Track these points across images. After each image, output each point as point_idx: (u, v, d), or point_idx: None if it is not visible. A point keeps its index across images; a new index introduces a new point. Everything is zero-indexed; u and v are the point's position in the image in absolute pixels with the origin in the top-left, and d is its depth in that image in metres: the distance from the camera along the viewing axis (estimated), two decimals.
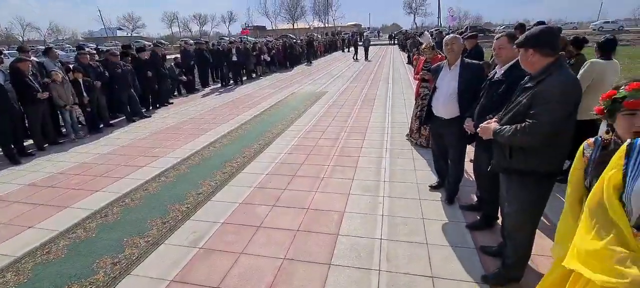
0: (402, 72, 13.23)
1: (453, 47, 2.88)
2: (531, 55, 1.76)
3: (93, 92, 6.20)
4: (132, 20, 58.65)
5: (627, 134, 1.24)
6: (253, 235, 2.87)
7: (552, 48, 1.74)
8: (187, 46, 11.15)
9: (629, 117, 1.22)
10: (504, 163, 1.93)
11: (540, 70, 1.75)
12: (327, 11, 59.30)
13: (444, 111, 3.00)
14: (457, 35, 3.06)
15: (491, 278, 2.21)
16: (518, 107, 1.81)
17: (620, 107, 1.24)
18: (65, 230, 3.07)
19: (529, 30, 1.83)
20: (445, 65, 3.00)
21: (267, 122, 6.63)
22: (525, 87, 1.83)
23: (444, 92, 2.96)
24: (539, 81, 1.72)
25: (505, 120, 1.88)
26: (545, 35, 1.77)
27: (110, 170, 4.49)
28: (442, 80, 3.00)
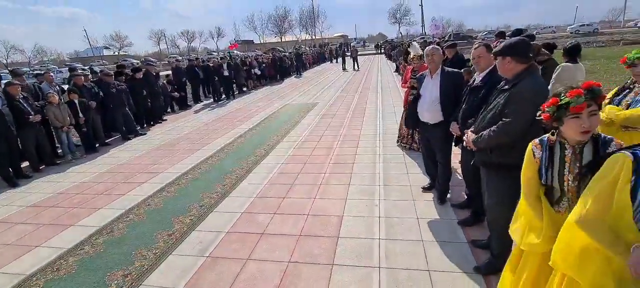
0: (391, 81, 13.59)
1: (433, 58, 3.14)
2: (508, 63, 1.99)
3: (88, 112, 6.27)
4: (119, 39, 58.43)
5: (575, 134, 1.41)
6: (257, 242, 3.01)
7: (526, 56, 1.99)
8: (179, 63, 11.30)
9: (576, 119, 1.39)
10: (484, 157, 2.16)
11: (515, 76, 1.98)
12: (314, 23, 60.27)
13: (429, 117, 3.24)
14: (437, 47, 3.32)
15: (482, 268, 2.39)
16: (496, 107, 2.04)
17: (567, 112, 1.40)
18: (73, 247, 3.15)
19: (507, 41, 2.07)
20: (428, 74, 3.25)
21: (262, 134, 6.79)
22: (501, 89, 2.07)
23: (427, 99, 3.20)
24: (514, 84, 1.96)
25: (487, 120, 2.10)
26: (520, 46, 2.01)
27: (110, 188, 4.56)
28: (425, 88, 3.25)
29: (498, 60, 2.06)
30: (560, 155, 1.52)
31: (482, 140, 2.08)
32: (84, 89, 6.33)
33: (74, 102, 5.97)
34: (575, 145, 1.47)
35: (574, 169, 1.48)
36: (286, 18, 60.30)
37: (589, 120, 1.37)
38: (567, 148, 1.50)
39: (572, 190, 1.51)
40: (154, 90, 8.25)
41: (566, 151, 1.50)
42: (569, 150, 1.49)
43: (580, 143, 1.46)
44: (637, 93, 2.14)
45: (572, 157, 1.48)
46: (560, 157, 1.52)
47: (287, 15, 60.35)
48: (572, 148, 1.48)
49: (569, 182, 1.50)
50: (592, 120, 1.38)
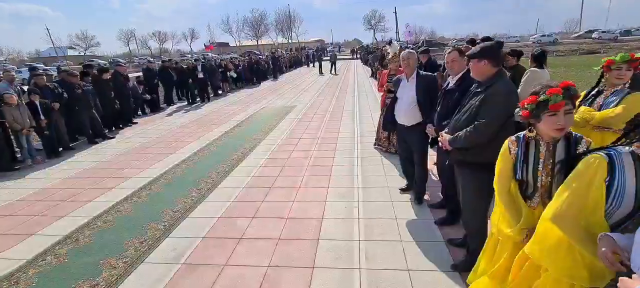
0: (367, 85, 13.81)
1: (409, 62, 3.23)
2: (484, 66, 2.06)
3: (51, 114, 5.88)
4: (85, 39, 55.41)
5: (551, 131, 1.48)
6: (235, 247, 2.93)
7: (498, 60, 2.09)
8: (151, 64, 10.89)
9: (553, 116, 1.45)
10: (459, 157, 2.24)
11: (488, 78, 2.07)
12: (291, 27, 60.23)
13: (406, 119, 3.31)
14: (412, 51, 3.41)
15: (459, 266, 2.46)
16: (471, 109, 2.12)
17: (545, 109, 1.46)
18: (33, 258, 2.93)
19: (482, 45, 2.16)
20: (404, 78, 3.34)
21: (239, 137, 6.66)
22: (475, 92, 2.15)
23: (404, 101, 3.28)
24: (487, 87, 2.05)
25: (462, 121, 2.17)
26: (494, 49, 2.11)
27: (76, 194, 4.29)
28: (402, 91, 3.33)
29: (473, 63, 2.13)
30: (535, 151, 1.59)
31: (458, 140, 2.15)
32: (46, 89, 5.93)
33: (35, 103, 5.58)
34: (549, 141, 1.54)
35: (547, 165, 1.56)
36: (263, 21, 59.90)
37: (564, 118, 1.44)
38: (542, 145, 1.57)
39: (544, 185, 1.59)
40: (123, 91, 7.88)
41: (541, 147, 1.57)
42: (543, 146, 1.56)
43: (554, 139, 1.53)
44: (606, 95, 2.30)
45: (546, 153, 1.56)
46: (535, 153, 1.59)
47: (263, 18, 59.98)
48: (546, 144, 1.55)
49: (543, 177, 1.58)
50: (567, 118, 1.45)
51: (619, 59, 2.26)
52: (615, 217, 1.24)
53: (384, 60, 9.71)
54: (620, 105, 2.18)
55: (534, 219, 1.64)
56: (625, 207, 1.20)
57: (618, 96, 2.24)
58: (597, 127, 2.26)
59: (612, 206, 1.23)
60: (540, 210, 1.60)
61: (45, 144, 5.98)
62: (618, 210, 1.22)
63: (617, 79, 2.28)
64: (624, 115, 2.15)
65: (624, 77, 2.26)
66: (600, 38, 41.09)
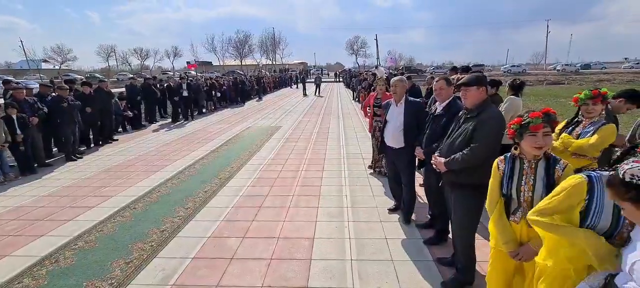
0: (350, 108, 14.12)
1: (395, 90, 3.42)
2: (481, 93, 2.24)
3: (27, 129, 5.66)
4: (61, 53, 53.63)
5: (531, 149, 1.71)
6: (227, 267, 2.88)
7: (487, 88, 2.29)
8: (133, 80, 10.72)
9: (533, 136, 1.69)
10: (452, 178, 2.36)
11: (479, 105, 2.24)
12: (275, 49, 61.03)
13: (394, 141, 3.46)
14: (403, 78, 3.61)
15: (449, 283, 2.54)
16: (464, 132, 2.28)
17: (527, 130, 1.71)
18: (7, 281, 2.76)
19: (475, 74, 2.35)
20: (393, 102, 3.51)
21: (225, 156, 6.61)
22: (467, 117, 2.32)
23: (393, 125, 3.44)
24: (479, 113, 2.22)
25: (457, 144, 2.31)
26: (485, 78, 2.35)
27: (53, 212, 4.10)
28: (391, 115, 3.50)
29: (471, 90, 2.25)
30: (520, 168, 1.80)
31: (453, 162, 2.28)
32: (25, 103, 5.72)
33: (12, 117, 5.36)
34: (531, 160, 1.76)
35: (529, 181, 1.76)
36: (247, 42, 60.43)
37: (543, 139, 1.70)
38: (525, 163, 1.78)
39: (527, 200, 1.77)
40: (106, 107, 7.69)
41: (524, 165, 1.78)
42: (526, 164, 1.78)
43: (535, 157, 1.75)
44: (584, 126, 2.53)
45: (528, 170, 1.77)
46: (520, 170, 1.80)
47: (248, 39, 60.55)
48: (528, 162, 1.77)
49: (525, 192, 1.77)
50: (545, 138, 1.70)
51: (582, 96, 2.50)
52: (598, 230, 1.38)
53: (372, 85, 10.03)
54: (595, 136, 2.40)
55: (516, 234, 1.84)
56: (603, 222, 1.36)
57: (594, 127, 2.46)
58: (574, 153, 2.46)
59: (591, 222, 1.38)
60: (523, 224, 1.80)
61: (19, 160, 5.70)
62: (599, 226, 1.37)
63: (586, 113, 2.51)
64: (597, 144, 2.37)
65: (592, 111, 2.49)
66: (563, 70, 44.31)
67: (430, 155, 2.97)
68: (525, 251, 1.78)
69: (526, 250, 1.77)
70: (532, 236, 1.76)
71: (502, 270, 1.99)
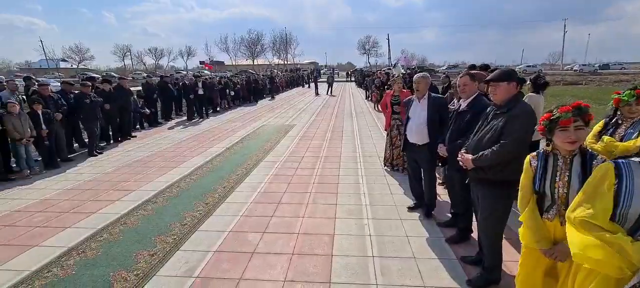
0: (364, 107, 14.05)
1: (418, 86, 3.40)
2: (512, 88, 2.19)
3: (52, 124, 5.82)
4: (79, 52, 55.12)
5: (563, 144, 1.66)
6: (249, 261, 2.90)
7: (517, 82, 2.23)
8: (150, 79, 10.92)
9: (564, 131, 1.64)
10: (480, 175, 2.31)
11: (509, 100, 2.19)
12: (286, 49, 61.32)
13: (417, 138, 3.44)
14: (426, 74, 3.57)
15: (474, 282, 2.49)
16: (493, 129, 2.22)
17: (556, 125, 1.66)
18: (38, 269, 2.84)
19: (503, 70, 2.30)
20: (415, 99, 3.48)
21: (241, 154, 6.66)
22: (496, 113, 2.27)
23: (415, 121, 3.42)
24: (509, 108, 2.16)
25: (485, 141, 2.26)
26: (515, 72, 2.29)
27: (78, 205, 4.20)
28: (413, 111, 3.49)
29: (501, 86, 2.20)
30: (554, 164, 1.74)
31: (482, 159, 2.23)
32: (49, 99, 5.89)
33: (38, 113, 5.52)
34: (566, 155, 1.70)
35: (564, 177, 1.70)
36: (259, 42, 60.88)
37: (575, 133, 1.62)
38: (559, 158, 1.72)
39: (561, 197, 1.71)
40: (125, 105, 7.85)
41: (559, 161, 1.72)
42: (560, 160, 1.72)
43: (570, 153, 1.69)
44: (626, 127, 2.46)
45: (562, 166, 1.71)
46: (553, 166, 1.74)
47: (260, 39, 61.01)
48: (563, 158, 1.71)
49: (559, 188, 1.71)
50: (578, 133, 1.64)
51: (625, 97, 2.42)
52: (630, 217, 1.36)
53: (387, 83, 9.96)
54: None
55: (549, 232, 1.79)
56: (634, 208, 1.35)
57: (637, 128, 2.38)
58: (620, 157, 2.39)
59: (623, 207, 1.37)
60: (557, 222, 1.74)
61: (43, 155, 5.87)
62: (630, 211, 1.36)
63: (629, 113, 2.44)
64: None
65: (635, 111, 2.42)
66: (581, 70, 43.14)
67: (454, 153, 2.93)
68: (560, 250, 1.72)
69: (561, 250, 1.71)
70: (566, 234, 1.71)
71: (533, 270, 1.93)
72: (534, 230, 1.80)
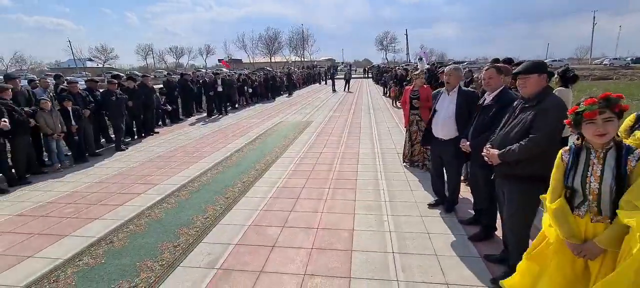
0: (381, 103, 13.90)
1: (449, 79, 3.29)
2: (543, 80, 2.12)
3: (81, 120, 6.07)
4: (104, 52, 57.34)
5: (593, 138, 1.59)
6: (269, 255, 2.94)
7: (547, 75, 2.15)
8: (171, 76, 11.21)
9: (591, 124, 1.57)
10: (508, 170, 2.23)
11: (539, 93, 2.11)
12: (304, 45, 61.44)
13: (442, 132, 3.35)
14: (458, 66, 3.47)
15: (499, 280, 2.42)
16: (522, 123, 2.15)
17: (582, 118, 1.59)
18: (70, 258, 2.98)
19: (531, 61, 2.21)
20: (444, 91, 3.38)
21: (260, 149, 6.74)
22: (524, 106, 2.19)
23: (442, 114, 3.32)
24: (539, 101, 2.09)
25: (513, 135, 2.19)
26: (545, 64, 2.20)
27: (105, 198, 4.38)
28: (441, 104, 3.38)
29: (532, 78, 2.12)
30: (586, 158, 1.66)
31: (510, 154, 2.16)
32: (78, 96, 6.15)
33: (68, 109, 5.77)
34: (599, 149, 1.62)
35: (596, 172, 1.61)
36: (276, 39, 61.29)
37: (603, 126, 1.54)
38: (592, 153, 1.64)
39: (593, 193, 1.62)
40: (148, 102, 8.10)
41: (591, 155, 1.64)
42: (593, 154, 1.64)
43: (603, 146, 1.60)
44: None
45: (595, 161, 1.62)
46: (585, 161, 1.66)
47: (277, 36, 61.40)
48: (596, 152, 1.63)
49: (591, 184, 1.62)
50: (607, 125, 1.55)
51: None
52: None
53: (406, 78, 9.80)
54: None
55: (580, 228, 1.70)
56: None
57: None
58: None
59: None
60: (587, 219, 1.67)
61: (73, 149, 6.14)
62: None
63: None
64: None
65: None
66: (611, 64, 40.95)
67: (478, 148, 2.84)
68: (590, 249, 1.63)
69: (591, 248, 1.62)
70: (597, 232, 1.63)
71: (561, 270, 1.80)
72: (564, 225, 1.71)
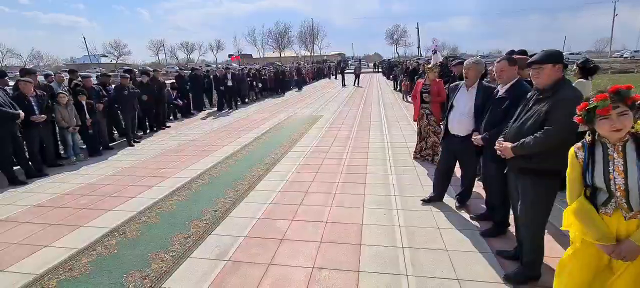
0: (392, 98, 13.76)
1: (468, 73, 3.14)
2: (557, 70, 2.04)
3: (94, 114, 6.19)
4: (118, 48, 58.44)
5: (608, 134, 1.50)
6: (278, 247, 2.94)
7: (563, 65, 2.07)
8: (182, 71, 11.33)
9: (605, 120, 1.48)
10: (522, 164, 2.16)
11: (554, 84, 2.04)
12: (314, 40, 61.20)
13: (459, 129, 3.24)
14: (480, 60, 3.27)
15: (513, 277, 2.37)
16: (536, 115, 2.08)
17: (595, 115, 1.50)
18: (84, 248, 3.05)
19: (546, 51, 2.13)
20: (463, 86, 3.26)
21: (270, 143, 6.76)
22: (539, 98, 2.12)
23: (460, 110, 3.21)
24: (555, 92, 2.02)
25: (527, 128, 2.12)
26: (560, 54, 2.10)
27: (118, 190, 4.46)
28: (459, 99, 3.25)
29: (542, 68, 2.07)
30: (604, 154, 1.56)
31: (524, 147, 2.10)
32: (92, 91, 6.26)
33: (82, 103, 5.89)
34: (616, 143, 1.52)
35: (618, 167, 1.52)
36: (286, 34, 61.25)
37: (619, 120, 1.47)
38: (609, 147, 1.55)
39: (619, 189, 1.52)
40: (160, 97, 8.21)
41: (608, 150, 1.55)
42: (610, 148, 1.54)
43: (620, 140, 1.51)
44: None
45: (615, 155, 1.53)
46: (604, 157, 1.56)
47: (287, 31, 61.35)
48: (614, 146, 1.53)
49: (615, 179, 1.52)
50: (622, 119, 1.47)
51: None
52: None
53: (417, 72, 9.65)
54: None
55: (610, 228, 1.60)
56: None
57: None
58: None
59: None
60: (617, 216, 1.56)
61: (87, 143, 6.28)
62: None
63: None
64: None
65: None
66: (632, 57, 39.49)
67: (491, 141, 2.77)
68: (628, 249, 1.50)
69: (630, 248, 1.50)
70: (631, 230, 1.51)
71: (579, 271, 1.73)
72: (591, 226, 1.59)
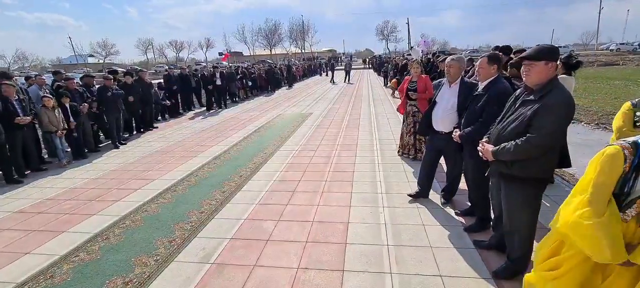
0: (381, 94, 13.80)
1: (450, 70, 3.17)
2: (550, 69, 1.87)
3: (78, 116, 6.07)
4: (105, 47, 57.28)
5: None
6: (263, 249, 2.93)
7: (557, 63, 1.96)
8: (171, 71, 11.17)
9: None
10: (503, 169, 2.10)
11: (545, 83, 1.89)
12: (304, 37, 60.93)
13: (443, 125, 3.27)
14: (461, 57, 3.32)
15: (500, 273, 2.37)
16: (521, 118, 1.96)
17: None
18: (66, 254, 3.00)
19: (545, 45, 1.96)
20: (446, 83, 3.28)
21: (258, 143, 6.72)
22: (525, 100, 2.00)
23: (443, 106, 3.24)
24: (543, 95, 1.87)
25: (508, 131, 2.04)
26: (556, 50, 1.94)
27: (103, 194, 4.39)
28: (441, 96, 3.28)
29: (532, 65, 1.90)
30: None
31: (503, 152, 2.01)
32: (76, 92, 6.14)
33: (65, 105, 5.77)
34: None
35: None
36: (276, 31, 60.81)
37: None
38: None
39: None
40: (146, 97, 8.08)
41: None
42: None
43: None
44: None
45: None
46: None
47: (277, 28, 60.91)
48: None
49: None
50: None
51: None
52: None
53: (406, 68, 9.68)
54: None
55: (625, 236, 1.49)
56: None
57: None
58: None
59: None
60: (634, 223, 1.48)
61: (72, 146, 6.16)
62: None
63: None
64: None
65: None
66: (618, 50, 40.29)
67: (467, 138, 2.80)
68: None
69: None
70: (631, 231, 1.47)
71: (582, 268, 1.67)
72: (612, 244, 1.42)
